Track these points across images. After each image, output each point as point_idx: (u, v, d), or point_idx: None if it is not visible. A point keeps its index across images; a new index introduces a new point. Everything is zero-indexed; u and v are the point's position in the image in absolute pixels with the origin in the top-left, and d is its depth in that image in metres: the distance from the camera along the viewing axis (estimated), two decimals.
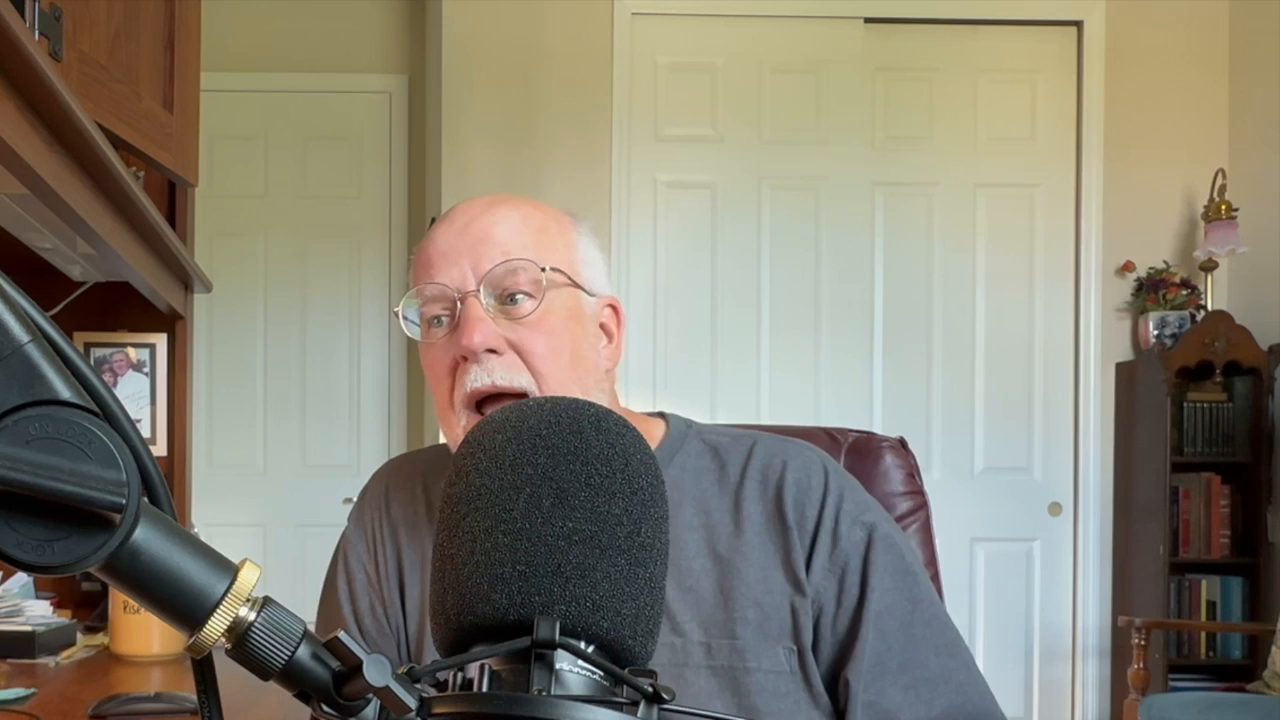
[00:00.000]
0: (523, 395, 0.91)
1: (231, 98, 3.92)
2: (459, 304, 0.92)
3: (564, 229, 0.98)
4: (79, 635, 1.88)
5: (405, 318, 0.97)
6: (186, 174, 1.73)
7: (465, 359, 0.91)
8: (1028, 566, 3.91)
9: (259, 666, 0.41)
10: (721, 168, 3.78)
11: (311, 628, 0.42)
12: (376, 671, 0.40)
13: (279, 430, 4.12)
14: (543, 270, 0.93)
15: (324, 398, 4.14)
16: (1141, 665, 3.29)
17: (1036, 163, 3.89)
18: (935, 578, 1.12)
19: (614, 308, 1.02)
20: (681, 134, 3.78)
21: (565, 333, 0.94)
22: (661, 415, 1.05)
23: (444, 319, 0.94)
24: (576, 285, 0.96)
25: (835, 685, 0.92)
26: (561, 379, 0.93)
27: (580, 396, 0.91)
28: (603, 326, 1.00)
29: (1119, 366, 3.88)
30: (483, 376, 0.91)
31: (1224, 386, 3.72)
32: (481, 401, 0.92)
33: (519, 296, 0.92)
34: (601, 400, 0.96)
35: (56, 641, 1.79)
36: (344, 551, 1.05)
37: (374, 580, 1.02)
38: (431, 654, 0.98)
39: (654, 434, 1.01)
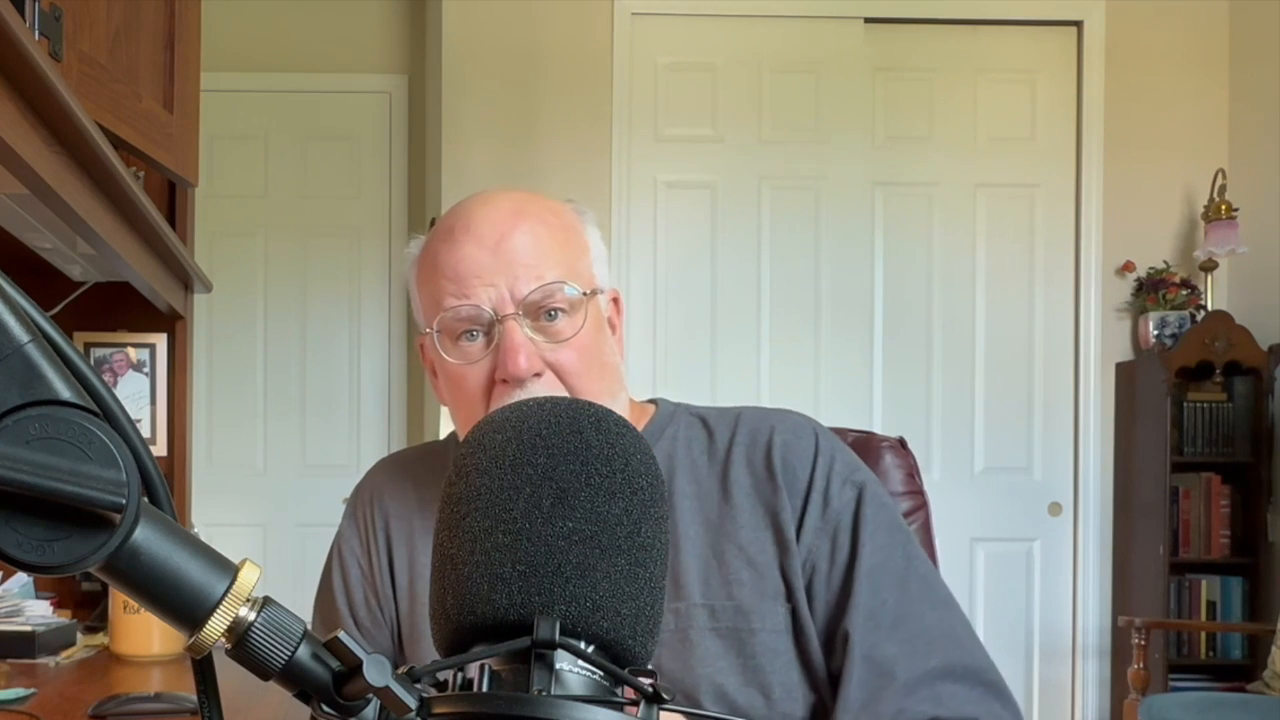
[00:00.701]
0: None
1: (231, 98, 3.92)
2: (497, 326, 0.93)
3: (578, 231, 1.00)
4: (79, 635, 1.88)
5: (439, 332, 0.95)
6: (186, 174, 1.73)
7: (505, 382, 0.92)
8: (1028, 566, 3.91)
9: (259, 666, 0.41)
10: (721, 168, 3.78)
11: (310, 627, 0.42)
12: (376, 671, 0.40)
13: (279, 430, 4.12)
14: (584, 294, 0.94)
15: (324, 397, 4.14)
16: (1141, 665, 3.29)
17: (1036, 163, 3.89)
18: None
19: (615, 300, 1.04)
20: (681, 134, 3.78)
21: (595, 345, 0.96)
22: (653, 401, 1.08)
23: (477, 334, 0.94)
24: (597, 293, 0.98)
25: (833, 641, 0.93)
26: (594, 389, 0.95)
27: (606, 399, 0.94)
28: (608, 320, 1.02)
29: (1119, 366, 3.88)
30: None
31: (1224, 386, 3.72)
32: None
33: (555, 313, 0.94)
34: (619, 395, 0.99)
35: (56, 641, 1.80)
36: (338, 547, 1.07)
37: (367, 573, 1.04)
38: (416, 647, 1.00)
39: (646, 416, 1.04)
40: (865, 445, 1.21)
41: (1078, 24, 3.85)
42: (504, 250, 0.93)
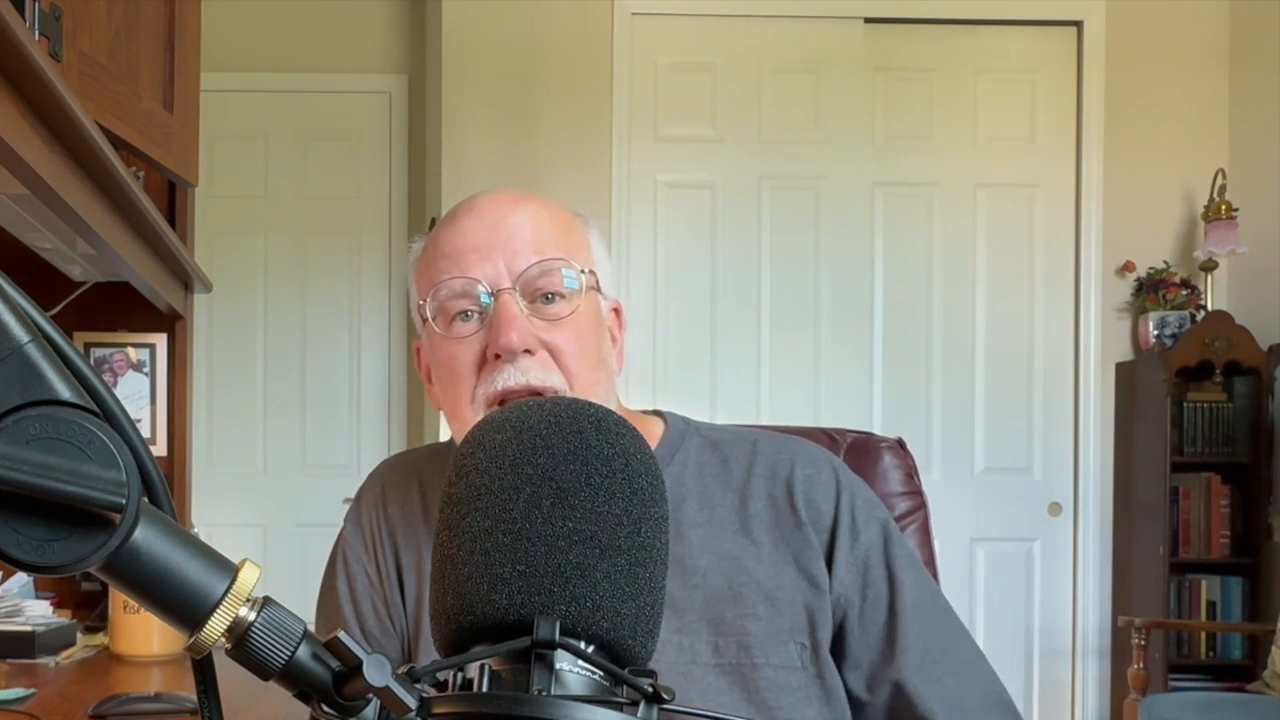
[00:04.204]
0: (556, 394, 0.91)
1: (231, 98, 3.92)
2: (491, 300, 0.91)
3: (581, 230, 0.99)
4: (79, 635, 1.88)
5: (433, 316, 0.93)
6: (186, 174, 1.73)
7: (498, 357, 0.90)
8: (1028, 566, 3.91)
9: (259, 666, 0.41)
10: (721, 168, 3.78)
11: (311, 628, 0.42)
12: (376, 671, 0.40)
13: (279, 430, 4.12)
14: (581, 272, 0.93)
15: (324, 398, 4.14)
16: (1141, 665, 3.29)
17: (1036, 163, 3.89)
18: (934, 578, 1.12)
19: (617, 311, 1.02)
20: (681, 134, 3.78)
21: (592, 334, 0.94)
22: (659, 413, 1.05)
23: (472, 314, 0.92)
24: (598, 288, 0.96)
25: (874, 682, 0.93)
26: (589, 379, 0.93)
27: (601, 398, 0.92)
28: (609, 329, 1.00)
29: (1119, 366, 3.88)
30: (516, 375, 0.90)
31: (1224, 386, 3.72)
32: (507, 401, 0.91)
33: (552, 296, 0.92)
34: (609, 400, 0.97)
35: (56, 641, 1.80)
36: (342, 552, 1.04)
37: (375, 581, 1.01)
38: (426, 654, 0.97)
39: (654, 432, 1.01)
40: (864, 446, 1.21)
41: (1078, 24, 3.85)
42: (504, 227, 0.92)
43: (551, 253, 0.92)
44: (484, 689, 0.44)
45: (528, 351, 0.90)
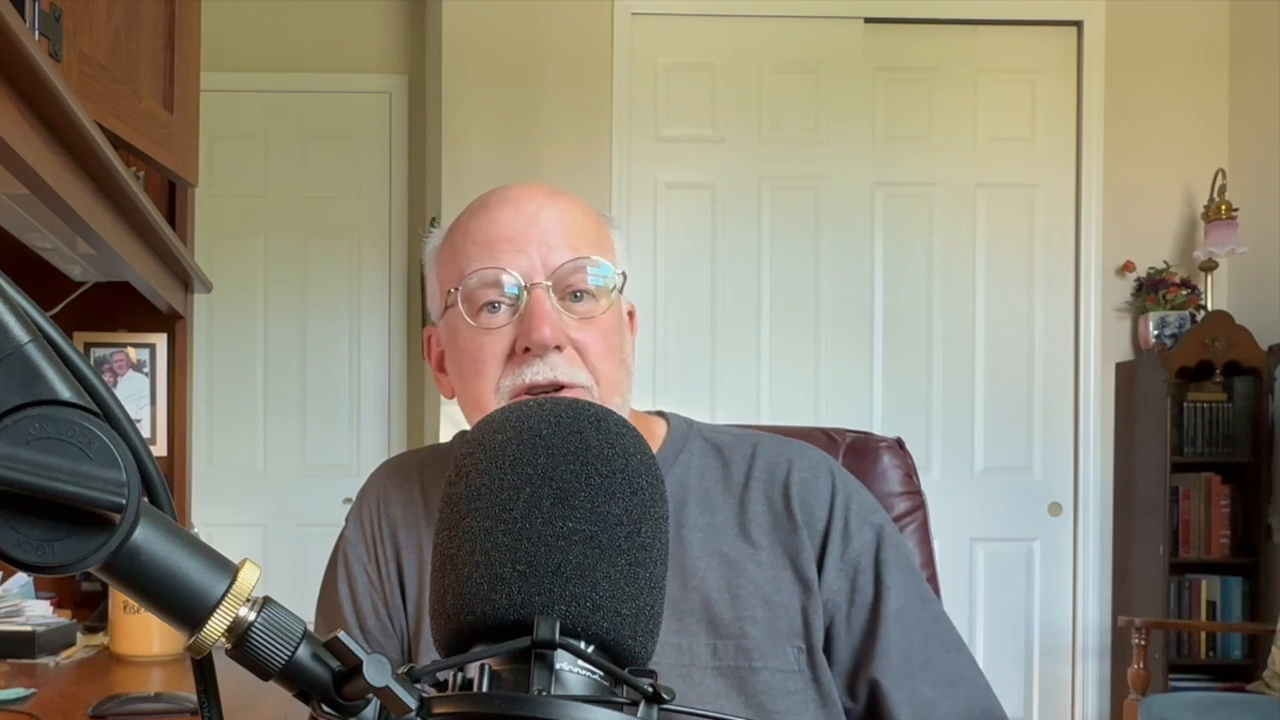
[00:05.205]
0: (581, 391, 0.91)
1: (231, 98, 3.92)
2: (522, 293, 0.90)
3: (608, 231, 0.99)
4: (79, 635, 1.88)
5: (461, 301, 0.92)
6: (186, 174, 1.73)
7: (527, 350, 0.90)
8: (1028, 566, 3.91)
9: (259, 666, 0.41)
10: (721, 168, 3.78)
11: (311, 628, 0.42)
12: (376, 671, 0.40)
13: (279, 430, 4.12)
14: (619, 274, 0.94)
15: (324, 398, 4.14)
16: (1141, 665, 3.29)
17: (1036, 163, 3.89)
18: (933, 578, 1.12)
19: (631, 314, 1.03)
20: (681, 134, 3.78)
21: (616, 335, 0.95)
22: (662, 414, 1.05)
23: (500, 305, 0.91)
24: (621, 290, 0.97)
25: (854, 684, 0.93)
26: (613, 378, 0.93)
27: (622, 398, 0.94)
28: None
29: (1119, 366, 3.88)
30: (544, 371, 0.90)
31: (1224, 386, 3.72)
32: (533, 394, 0.91)
33: (582, 294, 0.92)
34: (628, 401, 0.98)
35: (56, 641, 1.80)
36: (344, 552, 1.04)
37: (375, 581, 1.01)
38: (426, 654, 0.97)
39: (657, 433, 1.01)
40: (863, 446, 1.21)
41: (1078, 24, 3.85)
42: (539, 220, 0.92)
43: (585, 250, 0.92)
44: (484, 689, 0.44)
45: (557, 348, 0.90)
